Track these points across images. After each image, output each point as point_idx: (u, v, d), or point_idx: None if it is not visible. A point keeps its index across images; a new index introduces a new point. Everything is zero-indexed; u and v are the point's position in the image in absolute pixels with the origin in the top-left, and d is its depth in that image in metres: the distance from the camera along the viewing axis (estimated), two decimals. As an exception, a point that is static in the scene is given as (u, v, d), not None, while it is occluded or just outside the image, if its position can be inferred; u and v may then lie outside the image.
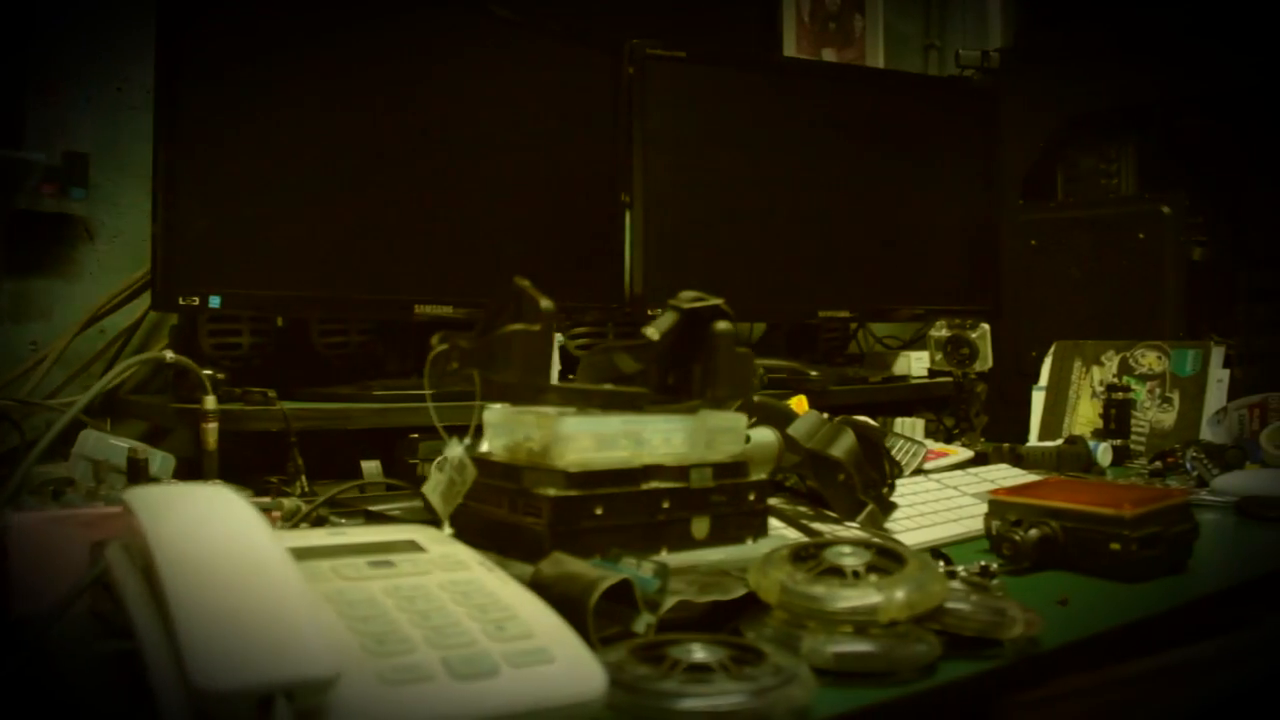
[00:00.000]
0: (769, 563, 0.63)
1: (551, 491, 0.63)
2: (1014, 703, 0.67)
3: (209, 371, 1.06)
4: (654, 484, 0.67)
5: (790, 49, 1.91)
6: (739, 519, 0.71)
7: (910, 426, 1.57)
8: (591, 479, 0.65)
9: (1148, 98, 1.60)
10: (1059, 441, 1.39)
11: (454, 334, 0.66)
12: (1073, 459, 1.33)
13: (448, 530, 0.70)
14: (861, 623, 0.59)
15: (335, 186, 1.17)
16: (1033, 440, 1.59)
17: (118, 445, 0.98)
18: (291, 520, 0.76)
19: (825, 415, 0.97)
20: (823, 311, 1.61)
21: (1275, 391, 1.44)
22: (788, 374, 1.43)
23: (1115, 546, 0.83)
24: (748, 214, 1.55)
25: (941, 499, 1.08)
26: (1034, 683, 0.68)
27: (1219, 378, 1.47)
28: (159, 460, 1.02)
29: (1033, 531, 0.86)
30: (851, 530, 0.91)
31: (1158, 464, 1.39)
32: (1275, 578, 0.88)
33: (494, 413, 0.71)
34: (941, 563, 0.83)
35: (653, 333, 0.70)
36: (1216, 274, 1.59)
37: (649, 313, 1.48)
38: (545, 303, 0.63)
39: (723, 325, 0.70)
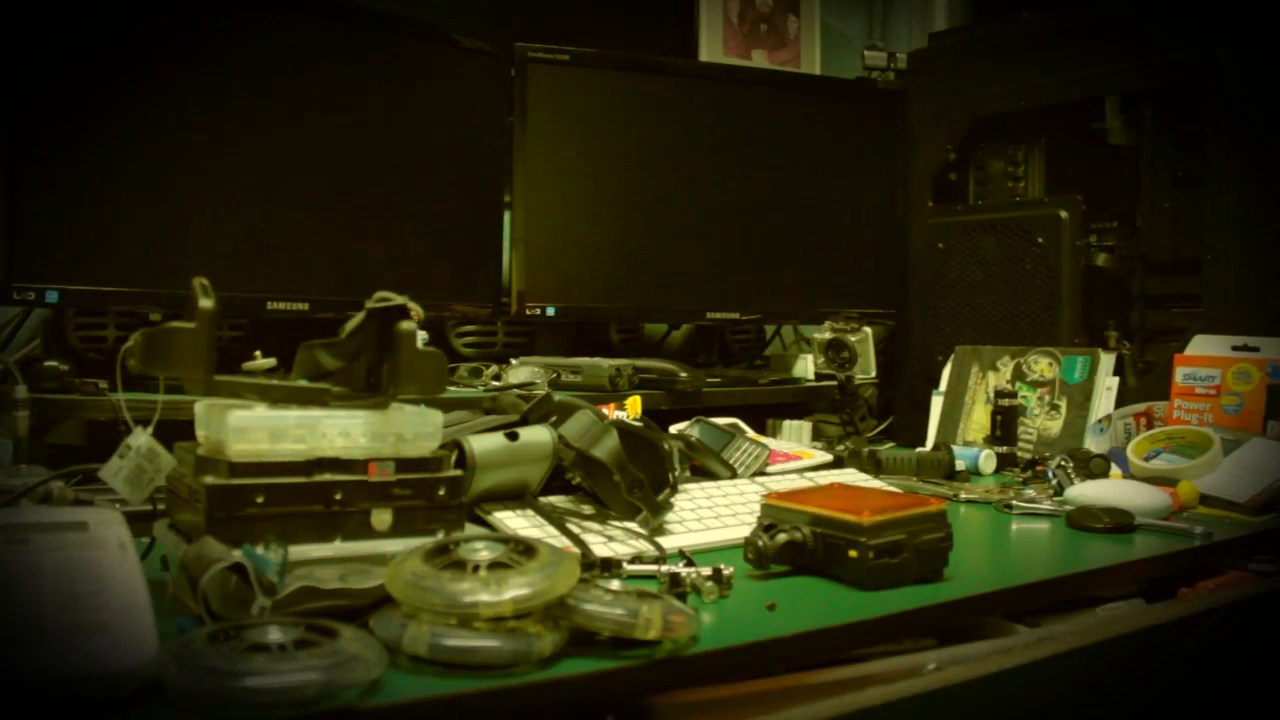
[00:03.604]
0: (407, 556, 0.66)
1: (210, 480, 0.67)
2: (669, 704, 0.68)
3: (52, 363, 1.13)
4: (327, 476, 0.70)
5: (717, 52, 1.91)
6: (428, 513, 0.73)
7: (798, 429, 1.57)
8: (254, 469, 0.68)
9: (1054, 99, 1.56)
10: (925, 446, 1.37)
11: (145, 330, 0.70)
12: (932, 465, 1.31)
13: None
14: (465, 616, 0.61)
15: (186, 185, 1.22)
16: (929, 447, 1.57)
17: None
18: (9, 500, 0.82)
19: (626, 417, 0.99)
20: (711, 313, 1.61)
21: (1163, 400, 1.40)
22: (658, 375, 1.44)
23: (853, 554, 0.83)
24: (634, 215, 1.56)
25: (753, 503, 1.08)
26: (697, 684, 0.69)
27: (1108, 385, 1.43)
28: (-9, 446, 1.09)
29: (780, 536, 0.86)
30: (626, 529, 0.93)
31: (1028, 472, 1.36)
32: (1028, 589, 0.86)
33: (199, 406, 0.74)
34: (683, 563, 0.85)
35: (342, 331, 0.73)
36: (1122, 280, 1.54)
37: (527, 311, 1.51)
38: (204, 302, 0.67)
39: (405, 325, 0.72)
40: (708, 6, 1.88)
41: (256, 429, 0.69)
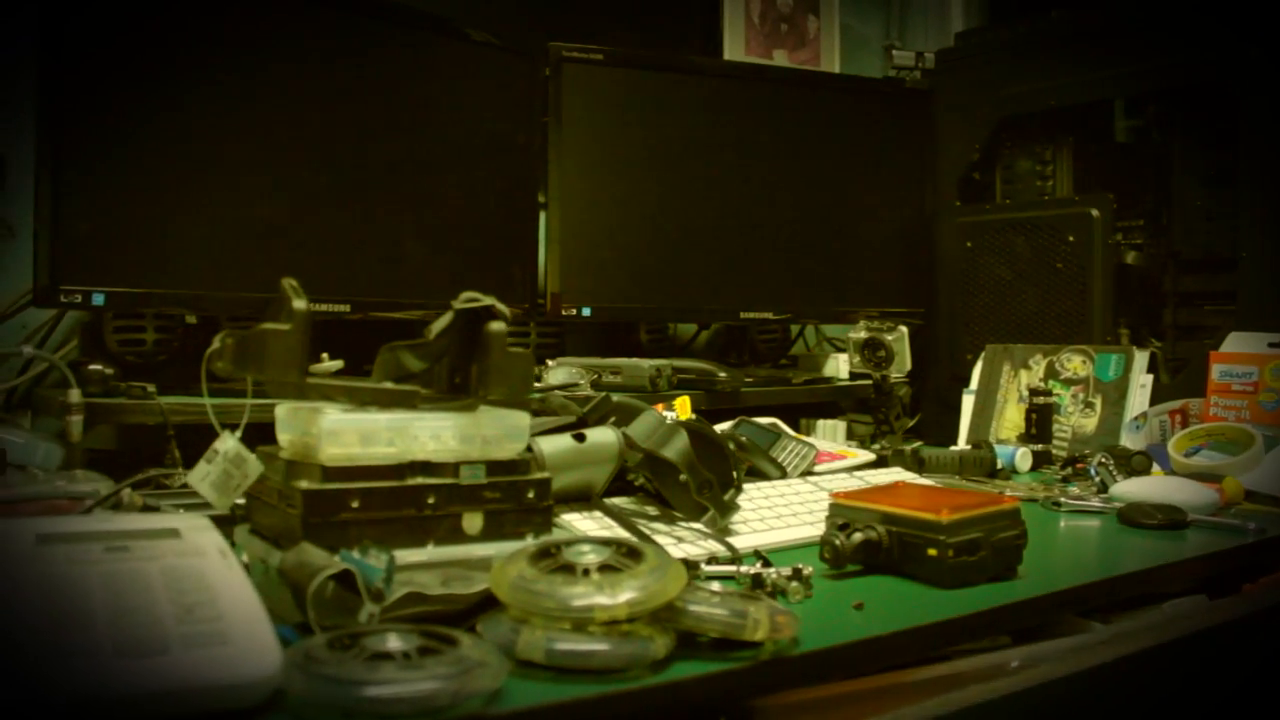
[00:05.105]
0: (511, 559, 0.65)
1: (305, 484, 0.65)
2: (775, 705, 0.68)
3: (97, 366, 1.11)
4: (420, 479, 0.69)
5: (739, 52, 1.90)
6: (517, 516, 0.72)
7: (832, 429, 1.57)
8: (349, 473, 0.66)
9: (1081, 98, 1.57)
10: (964, 445, 1.37)
11: (232, 332, 0.69)
12: (975, 463, 1.32)
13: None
14: (580, 620, 0.60)
15: (230, 187, 1.20)
16: (961, 445, 1.57)
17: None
18: (88, 508, 0.80)
19: (668, 416, 0.98)
20: (745, 313, 1.61)
21: (1198, 398, 1.41)
22: (697, 375, 1.43)
23: (932, 552, 0.83)
24: (668, 215, 1.56)
25: (811, 502, 1.08)
26: (801, 684, 0.69)
27: (1142, 383, 1.44)
28: (42, 451, 1.07)
29: (856, 535, 0.86)
30: (694, 529, 0.92)
31: (1068, 470, 1.37)
32: (1101, 586, 0.87)
33: (281, 409, 0.73)
34: (760, 563, 0.84)
35: (428, 332, 0.72)
36: (1152, 278, 1.55)
37: (563, 312, 1.50)
38: (298, 304, 0.65)
39: (495, 326, 0.71)
40: (730, 6, 1.88)
41: (348, 432, 0.68)
